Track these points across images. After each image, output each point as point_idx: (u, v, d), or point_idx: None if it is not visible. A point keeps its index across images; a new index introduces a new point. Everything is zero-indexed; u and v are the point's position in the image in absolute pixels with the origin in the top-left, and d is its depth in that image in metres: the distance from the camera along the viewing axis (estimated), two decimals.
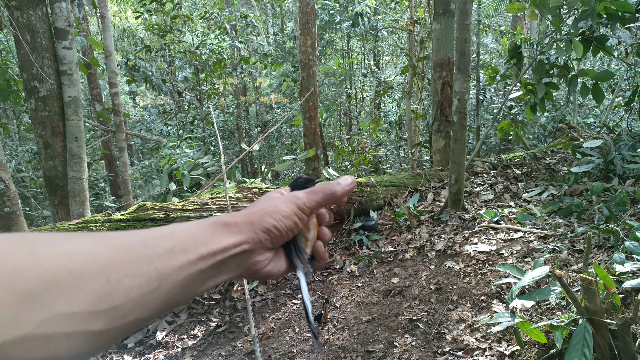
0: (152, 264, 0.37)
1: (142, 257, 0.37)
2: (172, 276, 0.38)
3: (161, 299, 0.37)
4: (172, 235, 0.40)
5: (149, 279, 0.36)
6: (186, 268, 0.39)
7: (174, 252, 0.39)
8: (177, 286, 0.39)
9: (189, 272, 0.40)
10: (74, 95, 3.47)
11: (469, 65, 3.61)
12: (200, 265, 0.41)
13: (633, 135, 4.07)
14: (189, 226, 0.43)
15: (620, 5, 3.25)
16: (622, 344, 1.53)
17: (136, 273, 0.36)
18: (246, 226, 0.46)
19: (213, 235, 0.43)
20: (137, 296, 0.35)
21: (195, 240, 0.41)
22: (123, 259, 0.35)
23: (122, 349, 3.04)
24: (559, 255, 2.68)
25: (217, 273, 0.43)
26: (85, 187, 3.54)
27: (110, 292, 0.33)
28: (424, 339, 2.36)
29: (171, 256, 0.39)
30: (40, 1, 3.32)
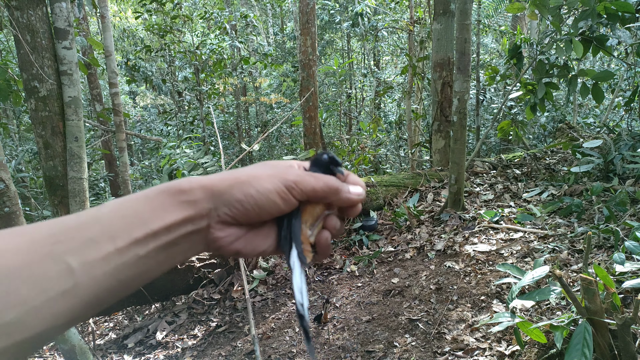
0: (63, 262, 0.31)
1: (48, 256, 0.31)
2: (94, 270, 0.32)
3: (81, 299, 0.31)
4: (97, 220, 0.34)
5: (57, 281, 0.31)
6: (114, 258, 0.33)
7: (94, 242, 0.32)
8: (106, 281, 0.32)
9: (121, 262, 0.33)
10: (74, 95, 3.47)
11: (469, 65, 3.61)
12: (137, 251, 0.34)
13: (633, 135, 4.07)
14: (127, 201, 0.35)
15: (620, 5, 3.25)
16: (622, 344, 1.53)
17: (39, 277, 0.30)
18: (204, 195, 0.37)
19: (156, 210, 0.35)
20: (41, 303, 0.30)
21: (128, 221, 0.34)
22: (21, 263, 0.30)
23: (122, 349, 3.04)
24: (559, 255, 2.68)
25: (167, 256, 0.36)
26: (86, 187, 3.54)
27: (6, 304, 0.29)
28: (424, 339, 2.36)
29: (91, 248, 0.32)
30: (40, 1, 3.32)
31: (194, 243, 0.38)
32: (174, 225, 0.36)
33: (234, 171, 0.41)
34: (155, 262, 0.35)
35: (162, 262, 0.36)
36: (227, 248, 0.40)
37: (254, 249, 0.42)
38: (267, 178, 0.41)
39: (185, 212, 0.36)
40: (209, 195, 0.38)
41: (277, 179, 0.41)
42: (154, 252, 0.35)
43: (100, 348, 3.11)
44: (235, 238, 0.40)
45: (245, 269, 3.39)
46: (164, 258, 0.36)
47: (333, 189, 0.44)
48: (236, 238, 0.41)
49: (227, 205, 0.38)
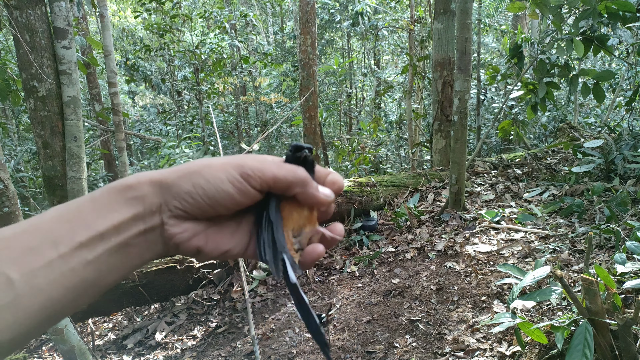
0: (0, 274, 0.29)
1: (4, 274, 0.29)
2: (36, 280, 0.29)
3: (25, 312, 0.29)
4: (37, 227, 0.31)
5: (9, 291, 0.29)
6: (58, 265, 0.30)
7: (34, 250, 0.30)
8: (52, 290, 0.30)
9: (67, 268, 0.31)
10: (73, 94, 3.46)
11: (469, 65, 3.60)
12: (85, 255, 0.31)
13: (634, 135, 4.06)
14: (71, 204, 0.33)
15: (621, 4, 3.24)
16: (623, 345, 1.52)
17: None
18: (152, 189, 0.35)
19: (101, 210, 0.33)
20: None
21: (72, 225, 0.32)
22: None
23: (122, 350, 3.04)
24: (559, 255, 2.67)
25: (122, 259, 0.33)
26: (85, 187, 3.53)
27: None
28: (424, 340, 2.35)
29: (30, 256, 0.30)
30: (40, 1, 3.31)
31: (150, 243, 0.35)
32: (123, 224, 0.33)
33: (189, 162, 0.38)
34: (108, 266, 0.33)
35: (116, 266, 0.33)
36: (186, 245, 0.37)
37: (216, 246, 0.38)
38: (219, 166, 0.37)
39: (133, 209, 0.34)
40: (157, 189, 0.35)
41: (231, 166, 0.37)
42: (105, 256, 0.32)
43: (100, 348, 3.10)
44: (192, 234, 0.37)
45: (245, 269, 3.39)
46: (119, 261, 0.33)
47: (299, 179, 0.39)
48: (194, 234, 0.37)
49: (176, 198, 0.35)
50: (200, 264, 3.54)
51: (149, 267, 3.38)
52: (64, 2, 3.36)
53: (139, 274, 3.31)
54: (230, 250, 0.40)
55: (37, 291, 0.30)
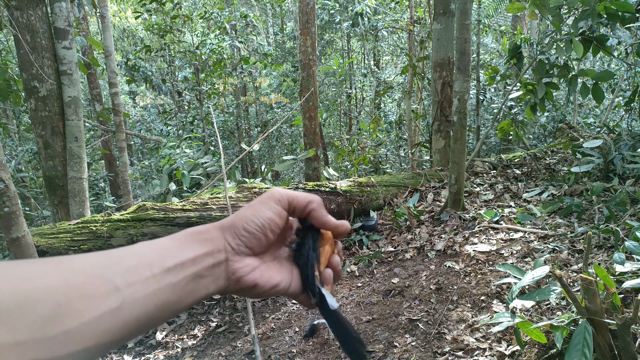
0: (111, 282, 0.35)
1: (98, 277, 0.35)
2: (136, 294, 0.36)
3: (125, 319, 0.35)
4: (135, 253, 0.39)
5: (107, 299, 0.34)
6: (152, 283, 0.37)
7: (135, 268, 0.37)
8: (145, 304, 0.36)
9: (157, 288, 0.37)
10: (73, 95, 3.47)
11: (469, 65, 3.61)
12: (170, 279, 0.38)
13: (633, 135, 4.07)
14: (157, 241, 0.41)
15: (621, 5, 3.25)
16: (622, 344, 1.53)
17: (91, 294, 0.34)
18: (217, 233, 0.44)
19: (181, 247, 0.41)
20: (94, 318, 0.33)
21: (161, 254, 0.39)
22: (76, 281, 0.34)
23: (122, 349, 3.04)
24: (559, 255, 2.67)
25: (194, 287, 0.40)
26: (85, 187, 3.53)
27: (60, 316, 0.32)
28: (424, 339, 2.35)
29: (133, 273, 0.37)
30: (40, 1, 3.32)
31: (216, 277, 0.43)
32: (198, 257, 0.41)
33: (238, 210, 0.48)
34: (185, 292, 0.40)
35: (190, 293, 0.40)
36: (245, 278, 0.44)
37: (269, 279, 0.46)
38: (258, 201, 0.47)
39: (205, 247, 0.42)
40: (220, 232, 0.44)
41: (266, 197, 0.47)
42: (184, 282, 0.40)
43: None
44: (251, 268, 0.45)
45: None
46: (192, 289, 0.41)
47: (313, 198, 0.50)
48: (252, 268, 0.45)
49: (235, 236, 0.44)
50: None
51: None
52: (65, 3, 3.37)
53: None
54: (279, 284, 0.47)
55: (136, 302, 0.36)
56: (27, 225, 2.23)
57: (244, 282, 0.44)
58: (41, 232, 2.98)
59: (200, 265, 0.41)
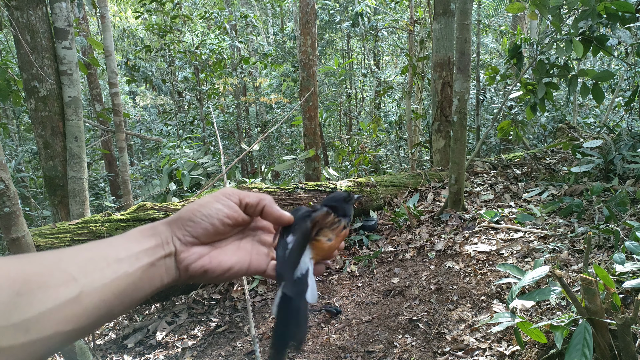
0: (68, 273, 0.37)
1: (56, 269, 0.37)
2: (94, 283, 0.38)
3: (85, 308, 0.37)
4: (89, 248, 0.41)
5: (65, 288, 0.36)
6: (108, 273, 0.39)
7: (91, 260, 0.39)
8: (103, 293, 0.38)
9: (114, 277, 0.39)
10: (74, 95, 3.47)
11: (469, 65, 3.61)
12: (126, 268, 0.41)
13: (633, 135, 4.07)
14: (109, 238, 0.44)
15: (621, 5, 3.25)
16: (622, 344, 1.53)
17: (50, 284, 0.35)
18: (164, 227, 0.47)
19: (133, 241, 0.44)
20: (54, 307, 0.35)
21: (114, 247, 0.42)
22: (35, 273, 0.35)
23: (122, 349, 3.04)
24: (559, 255, 2.67)
25: (150, 276, 0.43)
26: (85, 187, 3.53)
27: (21, 304, 0.33)
28: (424, 339, 2.35)
29: (89, 264, 0.39)
30: (40, 1, 3.32)
31: (168, 267, 0.45)
32: (149, 249, 0.44)
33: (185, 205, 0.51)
34: (142, 281, 0.42)
35: (148, 281, 0.43)
36: (193, 265, 0.46)
37: (219, 264, 0.48)
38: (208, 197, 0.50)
39: (155, 240, 0.45)
40: (167, 227, 0.47)
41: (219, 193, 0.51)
42: (140, 271, 0.42)
43: (100, 348, 3.11)
44: (198, 256, 0.47)
45: None
46: (148, 277, 0.43)
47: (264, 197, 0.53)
48: (199, 256, 0.47)
49: (180, 228, 0.47)
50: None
51: None
52: (65, 3, 3.37)
53: None
54: (232, 267, 0.49)
55: (94, 291, 0.38)
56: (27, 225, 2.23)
57: (192, 270, 0.46)
58: (41, 232, 2.98)
59: (152, 256, 0.43)
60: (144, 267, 0.42)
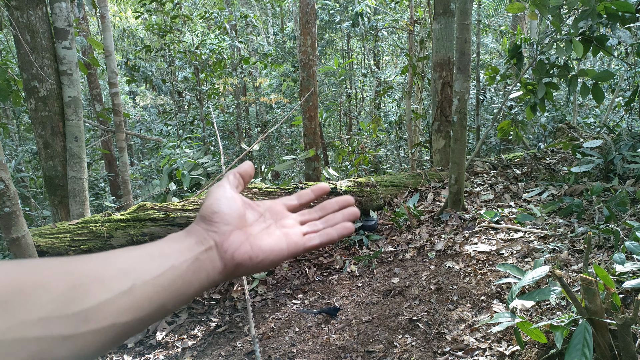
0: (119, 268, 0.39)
1: (107, 264, 0.39)
2: (144, 276, 0.40)
3: (138, 300, 0.39)
4: (133, 248, 0.43)
5: (118, 282, 0.38)
6: (155, 267, 0.41)
7: (138, 256, 0.41)
8: (154, 286, 0.40)
9: (161, 271, 0.42)
10: (73, 95, 3.46)
11: (469, 65, 3.61)
12: (172, 262, 0.43)
13: (633, 135, 4.07)
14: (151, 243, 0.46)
15: (621, 5, 3.25)
16: (622, 344, 1.53)
17: (103, 278, 0.38)
18: (196, 226, 0.48)
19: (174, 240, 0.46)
20: (109, 299, 0.37)
21: (158, 246, 0.44)
22: (87, 268, 0.38)
23: (122, 349, 3.04)
24: (559, 255, 2.67)
25: (196, 270, 0.45)
26: (85, 187, 3.53)
27: (78, 296, 0.35)
28: (424, 339, 2.35)
29: (137, 260, 0.41)
30: (40, 1, 3.32)
31: (212, 259, 0.46)
32: (191, 245, 0.45)
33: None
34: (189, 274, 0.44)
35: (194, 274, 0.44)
36: (238, 252, 0.47)
37: (259, 248, 0.49)
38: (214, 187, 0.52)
39: (192, 238, 0.47)
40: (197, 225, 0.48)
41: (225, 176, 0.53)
42: (185, 265, 0.44)
43: None
44: (239, 243, 0.48)
45: None
46: (194, 271, 0.45)
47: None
48: (240, 243, 0.48)
49: (209, 220, 0.48)
50: None
51: None
52: (65, 3, 3.37)
53: None
54: (272, 248, 0.50)
55: (145, 284, 0.40)
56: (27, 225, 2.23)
57: (238, 257, 0.47)
58: (41, 232, 2.98)
59: (194, 251, 0.45)
60: (189, 261, 0.44)
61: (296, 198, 0.58)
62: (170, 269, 0.42)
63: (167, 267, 0.42)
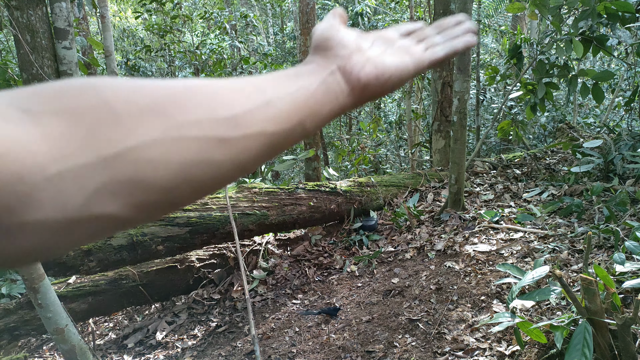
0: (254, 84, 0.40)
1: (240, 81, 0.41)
2: (279, 91, 0.41)
3: (279, 111, 0.40)
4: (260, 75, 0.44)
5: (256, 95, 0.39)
6: (289, 84, 0.42)
7: (267, 78, 0.42)
8: (290, 102, 0.41)
9: (294, 88, 0.42)
10: None
11: (469, 65, 3.61)
12: (302, 82, 0.43)
13: (633, 135, 4.07)
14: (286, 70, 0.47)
15: (621, 5, 3.25)
16: (622, 344, 1.53)
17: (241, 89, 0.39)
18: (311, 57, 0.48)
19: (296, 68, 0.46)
20: (253, 107, 0.38)
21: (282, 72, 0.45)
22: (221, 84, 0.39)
23: (122, 349, 3.04)
24: (559, 255, 2.68)
25: (325, 91, 0.44)
26: None
27: (222, 103, 0.37)
28: (424, 339, 2.35)
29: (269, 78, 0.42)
30: (40, 1, 3.32)
31: (338, 81, 0.46)
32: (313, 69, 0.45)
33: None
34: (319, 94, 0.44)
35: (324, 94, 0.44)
36: (364, 71, 0.46)
37: (383, 65, 0.48)
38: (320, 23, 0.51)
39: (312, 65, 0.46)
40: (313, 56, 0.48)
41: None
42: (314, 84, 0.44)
43: (100, 348, 3.11)
44: (362, 63, 0.47)
45: (245, 269, 3.40)
46: (324, 92, 0.44)
47: None
48: (363, 63, 0.47)
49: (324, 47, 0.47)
50: (200, 264, 3.54)
51: (149, 267, 3.39)
52: (65, 3, 3.37)
53: (140, 273, 3.31)
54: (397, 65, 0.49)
55: (283, 97, 0.40)
56: None
57: (365, 75, 0.46)
58: None
59: (320, 74, 0.45)
60: (316, 82, 0.44)
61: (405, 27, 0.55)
62: (300, 87, 0.43)
63: (298, 86, 0.42)
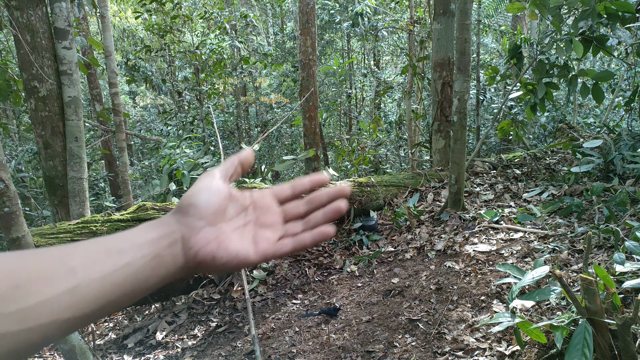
0: (68, 266, 0.39)
1: (57, 262, 0.39)
2: (93, 274, 0.40)
3: (83, 297, 0.39)
4: (94, 242, 0.43)
5: (64, 280, 0.38)
6: (109, 264, 0.41)
7: (94, 252, 0.41)
8: (102, 284, 0.40)
9: (114, 268, 0.41)
10: (73, 95, 3.46)
11: (469, 65, 3.61)
12: (127, 260, 0.42)
13: (633, 135, 4.07)
14: (115, 234, 0.45)
15: (621, 5, 3.25)
16: (622, 344, 1.53)
17: (49, 276, 0.38)
18: (169, 217, 0.47)
19: (138, 233, 0.45)
20: (52, 297, 0.37)
21: (119, 240, 0.43)
22: (36, 266, 0.38)
23: (122, 349, 3.04)
24: (559, 255, 2.67)
25: (154, 267, 0.43)
26: (85, 187, 3.53)
27: (19, 295, 0.36)
28: (424, 339, 2.35)
29: (91, 256, 0.41)
30: (40, 1, 3.32)
31: (174, 255, 0.45)
32: (154, 239, 0.44)
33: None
34: (146, 270, 0.43)
35: (151, 271, 0.43)
36: (203, 250, 0.46)
37: (225, 250, 0.47)
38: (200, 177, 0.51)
39: (160, 231, 0.45)
40: (171, 216, 0.47)
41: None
42: (142, 261, 0.43)
43: (100, 348, 3.11)
44: (206, 241, 0.47)
45: (245, 268, 3.39)
46: (153, 267, 0.43)
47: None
48: (207, 241, 0.47)
49: (185, 213, 0.47)
50: None
51: None
52: (65, 3, 3.37)
53: None
54: (238, 253, 0.48)
55: (93, 282, 0.39)
56: (27, 225, 2.23)
57: (201, 255, 0.46)
58: (41, 232, 2.98)
59: (157, 245, 0.44)
60: (149, 257, 0.43)
61: (290, 187, 0.55)
62: (124, 266, 0.41)
63: (120, 265, 0.41)
